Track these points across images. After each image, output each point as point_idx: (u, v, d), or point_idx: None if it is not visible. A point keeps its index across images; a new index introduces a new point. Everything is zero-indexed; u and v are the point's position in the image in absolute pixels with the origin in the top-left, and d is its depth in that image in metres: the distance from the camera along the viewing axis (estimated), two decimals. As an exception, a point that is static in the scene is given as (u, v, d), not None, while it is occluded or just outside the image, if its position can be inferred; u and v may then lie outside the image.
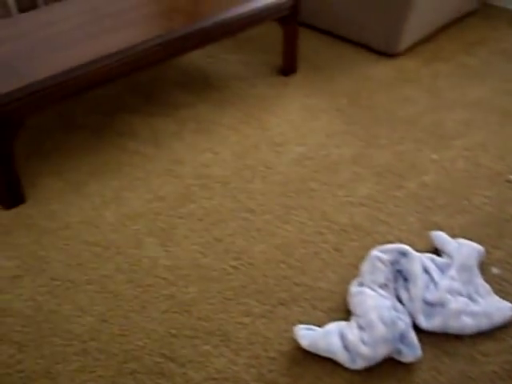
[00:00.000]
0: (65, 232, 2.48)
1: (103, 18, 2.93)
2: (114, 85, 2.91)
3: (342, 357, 1.94)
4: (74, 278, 2.28)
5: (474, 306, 2.07)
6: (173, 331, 2.09)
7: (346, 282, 2.22)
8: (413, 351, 1.95)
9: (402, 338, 1.95)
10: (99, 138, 2.97)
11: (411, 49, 3.67)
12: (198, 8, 3.04)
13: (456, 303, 2.05)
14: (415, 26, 3.55)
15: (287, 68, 3.43)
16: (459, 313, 2.03)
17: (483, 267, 2.28)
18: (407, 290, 2.12)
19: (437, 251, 2.33)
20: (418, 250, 2.24)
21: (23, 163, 2.81)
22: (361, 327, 1.96)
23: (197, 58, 3.59)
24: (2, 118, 2.38)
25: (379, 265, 2.12)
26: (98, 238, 2.44)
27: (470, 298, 2.11)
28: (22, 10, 3.57)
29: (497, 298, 2.14)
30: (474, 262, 2.21)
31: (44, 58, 2.62)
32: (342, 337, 1.97)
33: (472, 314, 2.05)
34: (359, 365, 1.93)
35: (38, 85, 2.47)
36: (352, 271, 2.27)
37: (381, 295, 2.05)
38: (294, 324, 2.08)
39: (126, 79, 3.04)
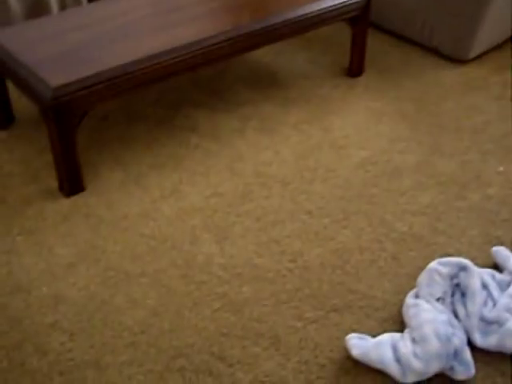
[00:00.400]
0: (122, 223, 2.48)
1: (170, 10, 2.93)
2: (178, 78, 2.88)
3: (393, 369, 1.90)
4: (129, 270, 2.28)
5: (533, 326, 2.01)
6: (223, 330, 2.07)
7: (402, 292, 2.18)
8: (466, 369, 1.90)
9: (456, 354, 1.90)
10: (162, 130, 2.97)
11: (481, 56, 3.58)
12: (266, 4, 3.01)
13: (514, 322, 1.99)
14: (487, 33, 3.46)
15: (354, 69, 3.38)
16: (517, 333, 1.97)
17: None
18: (464, 305, 2.06)
19: (497, 267, 2.26)
20: (478, 265, 2.18)
21: (85, 152, 2.82)
22: (414, 341, 1.92)
23: (263, 54, 3.57)
24: (67, 106, 2.40)
25: (437, 278, 2.07)
26: (154, 231, 2.44)
27: (530, 318, 2.05)
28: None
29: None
30: (536, 281, 2.15)
31: (111, 48, 2.63)
32: (395, 349, 1.93)
33: (531, 335, 1.98)
34: (410, 379, 1.89)
35: (104, 74, 2.48)
36: (409, 282, 2.22)
37: (437, 309, 2.00)
38: (346, 332, 2.05)
39: (190, 73, 3.02)
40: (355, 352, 1.96)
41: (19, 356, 2.01)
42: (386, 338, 1.98)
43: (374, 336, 2.01)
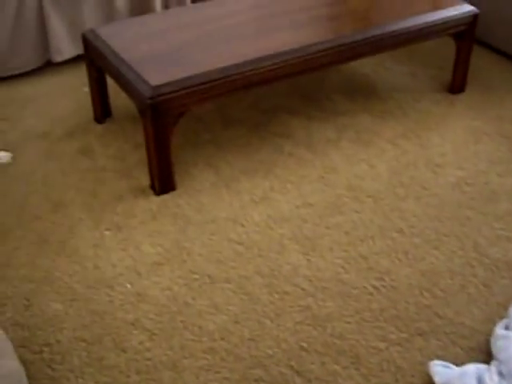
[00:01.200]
0: (210, 226, 2.47)
1: (273, 16, 2.92)
2: (276, 83, 2.87)
3: (477, 402, 1.82)
4: (213, 274, 2.28)
5: None
6: (304, 344, 2.04)
7: (492, 321, 2.10)
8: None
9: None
10: (256, 135, 2.96)
11: None
12: (370, 15, 2.97)
13: None
14: None
15: (456, 86, 3.29)
16: None
17: None
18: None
19: None
20: None
21: (178, 151, 2.84)
22: (501, 374, 1.84)
23: (363, 64, 3.51)
24: (165, 106, 2.41)
25: (531, 310, 1.98)
26: (242, 236, 2.43)
27: None
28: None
29: None
30: None
31: (212, 50, 2.63)
32: (480, 381, 1.85)
33: None
34: (494, 414, 1.81)
35: (204, 76, 2.48)
36: (499, 311, 2.14)
37: (528, 343, 1.91)
38: (430, 358, 1.99)
39: (289, 79, 3.00)
40: (438, 380, 1.89)
41: (98, 350, 2.02)
42: (472, 368, 1.91)
43: (458, 365, 1.94)
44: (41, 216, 2.56)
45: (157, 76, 2.46)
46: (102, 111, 3.08)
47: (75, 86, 3.43)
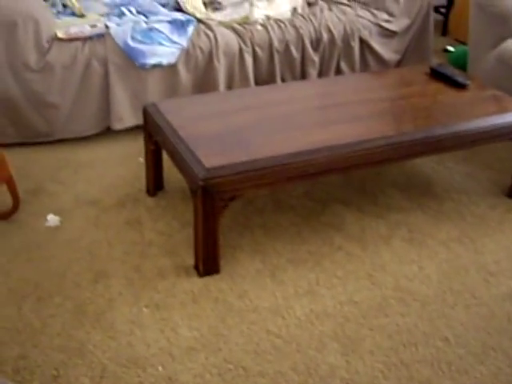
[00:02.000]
0: (251, 315, 2.43)
1: (333, 106, 2.92)
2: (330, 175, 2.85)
3: None
4: (248, 366, 2.22)
5: None
6: None
7: None
8: None
9: None
10: (307, 224, 2.93)
11: None
12: (433, 113, 2.94)
13: None
14: None
15: (515, 191, 3.23)
16: None
17: None
18: None
19: None
20: None
21: (226, 233, 2.82)
22: None
23: (422, 160, 3.49)
24: (217, 189, 2.40)
25: None
26: (281, 329, 2.38)
27: None
28: (259, 82, 3.64)
29: None
30: None
31: (269, 136, 2.63)
32: None
33: None
34: None
35: (259, 163, 2.47)
36: None
37: None
38: None
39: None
40: None
41: None
42: None
43: None
44: (81, 285, 2.55)
45: (212, 158, 2.46)
46: (155, 184, 3.09)
47: (131, 155, 3.46)
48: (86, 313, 2.42)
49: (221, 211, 2.47)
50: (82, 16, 3.64)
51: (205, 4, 3.98)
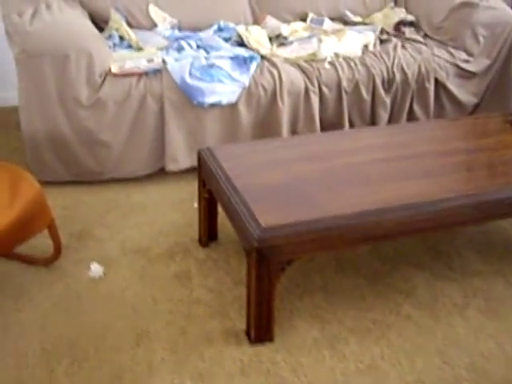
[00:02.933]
0: (304, 395, 2.18)
1: (403, 158, 2.69)
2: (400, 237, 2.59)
3: None
4: None
5: None
6: None
7: None
8: None
9: None
10: (372, 288, 2.67)
11: None
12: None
13: None
14: None
15: None
16: None
17: None
18: None
19: None
20: None
21: (282, 294, 2.58)
22: None
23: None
24: (273, 251, 2.18)
25: None
26: (339, 413, 2.12)
27: None
28: (325, 124, 3.41)
29: None
30: None
31: (332, 191, 2.43)
32: None
33: None
34: None
35: (320, 223, 2.24)
36: None
37: None
38: None
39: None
40: None
41: None
42: None
43: None
44: (121, 347, 2.36)
45: (269, 215, 2.24)
46: (208, 234, 2.89)
47: (185, 199, 3.28)
48: (123, 380, 2.22)
49: (277, 275, 2.24)
50: (139, 49, 3.46)
51: (270, 39, 3.76)
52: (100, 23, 3.74)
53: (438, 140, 2.84)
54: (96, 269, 2.77)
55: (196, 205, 3.01)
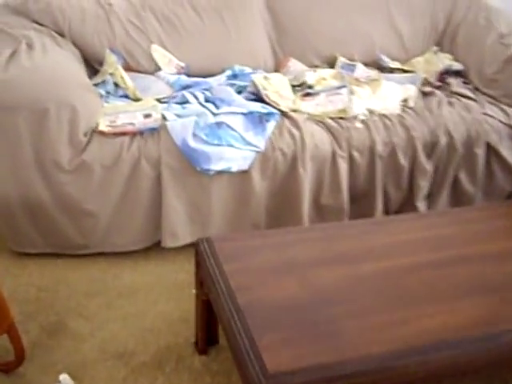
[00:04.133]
0: None
1: (451, 261, 2.19)
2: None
3: None
4: None
5: None
6: None
7: None
8: None
9: None
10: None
11: None
12: None
13: None
14: None
15: None
16: None
17: None
18: None
19: None
20: None
21: None
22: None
23: None
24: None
25: None
26: None
27: None
28: (355, 194, 2.88)
29: None
30: None
31: (362, 315, 1.93)
32: None
33: None
34: None
35: (348, 366, 1.75)
36: None
37: None
38: None
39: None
40: None
41: None
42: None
43: None
44: None
45: (278, 354, 1.74)
46: (207, 338, 2.37)
47: (183, 281, 2.80)
48: None
49: None
50: (137, 99, 2.95)
51: (293, 87, 3.24)
52: (95, 65, 3.24)
53: (502, 235, 2.29)
54: (65, 381, 2.25)
55: (195, 291, 2.47)
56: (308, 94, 3.22)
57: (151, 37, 3.31)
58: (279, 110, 2.99)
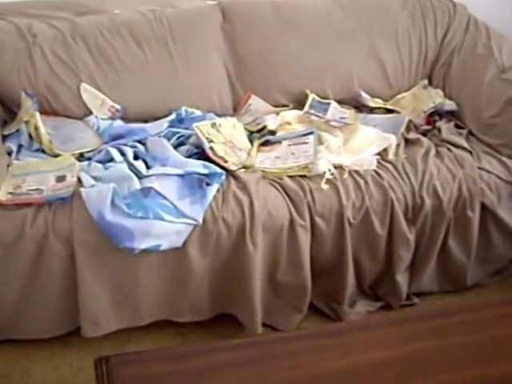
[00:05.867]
0: None
1: None
2: None
3: None
4: None
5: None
6: None
7: None
8: None
9: None
10: None
11: None
12: None
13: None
14: None
15: None
16: None
17: None
18: None
19: None
20: None
21: None
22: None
23: None
24: None
25: None
26: None
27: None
28: (319, 271, 2.43)
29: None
30: None
31: None
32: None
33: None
34: None
35: None
36: None
37: None
38: None
39: None
40: None
41: None
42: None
43: None
44: None
45: None
46: None
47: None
48: None
49: None
50: (54, 155, 2.44)
51: (251, 133, 2.73)
52: (14, 108, 2.73)
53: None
54: None
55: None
56: (267, 142, 2.70)
57: (81, 74, 2.80)
58: (225, 168, 2.47)
